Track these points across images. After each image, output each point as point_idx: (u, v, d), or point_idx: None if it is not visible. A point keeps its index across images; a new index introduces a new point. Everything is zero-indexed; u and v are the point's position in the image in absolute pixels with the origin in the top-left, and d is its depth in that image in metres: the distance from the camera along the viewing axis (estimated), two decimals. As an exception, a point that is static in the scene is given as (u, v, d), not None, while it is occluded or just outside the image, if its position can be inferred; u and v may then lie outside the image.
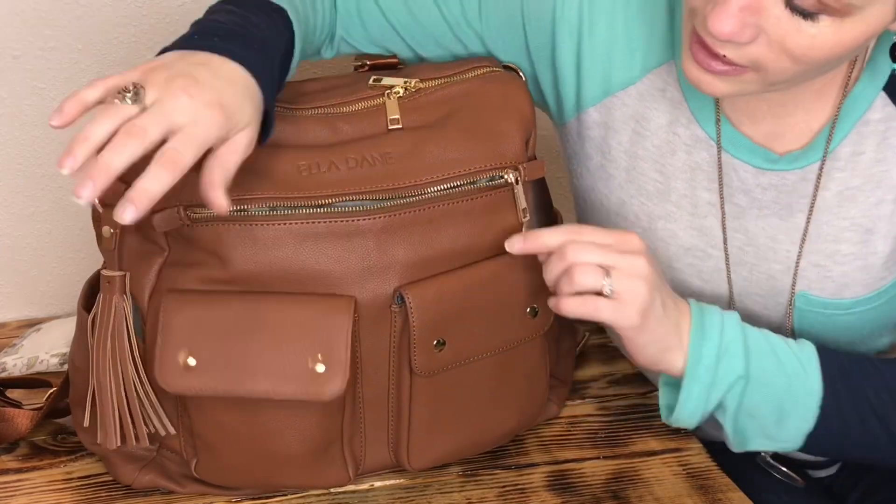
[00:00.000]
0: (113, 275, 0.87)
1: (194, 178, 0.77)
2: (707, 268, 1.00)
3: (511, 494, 0.96)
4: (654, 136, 0.98)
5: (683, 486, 0.97)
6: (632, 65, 0.98)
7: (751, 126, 0.96)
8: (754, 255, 0.98)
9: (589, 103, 1.00)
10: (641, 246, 0.88)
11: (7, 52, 1.22)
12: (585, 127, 1.01)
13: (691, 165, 0.98)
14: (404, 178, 0.89)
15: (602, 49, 0.97)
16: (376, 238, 0.88)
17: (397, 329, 0.89)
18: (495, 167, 0.91)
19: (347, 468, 0.92)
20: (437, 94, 0.94)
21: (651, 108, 0.98)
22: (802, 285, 0.97)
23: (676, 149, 0.98)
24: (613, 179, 1.01)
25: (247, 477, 0.93)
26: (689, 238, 0.99)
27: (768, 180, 0.96)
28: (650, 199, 1.00)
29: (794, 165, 0.95)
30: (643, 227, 1.00)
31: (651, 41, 0.97)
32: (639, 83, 0.98)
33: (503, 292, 0.92)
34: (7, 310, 1.34)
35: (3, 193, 1.29)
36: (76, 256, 1.33)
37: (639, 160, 0.99)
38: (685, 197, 0.99)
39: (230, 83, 0.78)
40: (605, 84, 0.99)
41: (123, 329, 0.87)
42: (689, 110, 0.97)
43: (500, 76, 0.97)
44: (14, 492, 0.96)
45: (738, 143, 0.96)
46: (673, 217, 0.99)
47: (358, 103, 0.92)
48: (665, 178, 0.99)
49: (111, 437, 0.89)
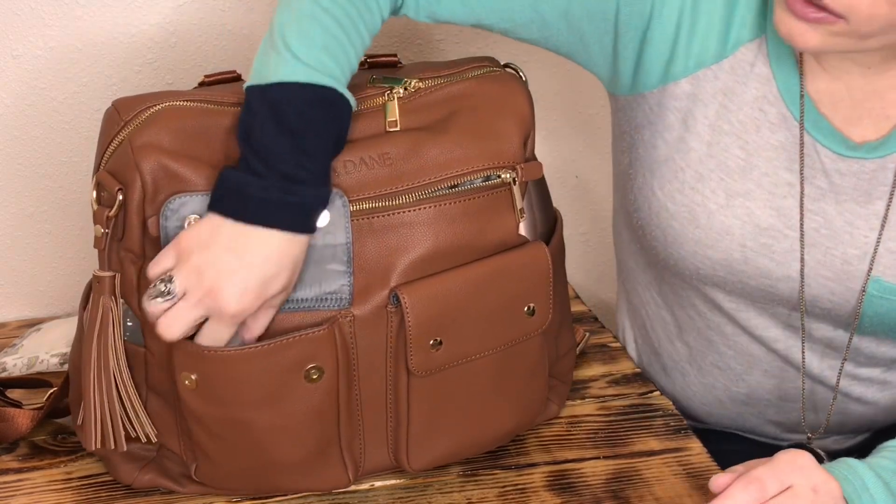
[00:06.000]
0: (103, 275, 0.87)
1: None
2: (781, 248, 1.00)
3: (511, 494, 0.96)
4: (741, 111, 0.99)
5: (683, 486, 0.97)
6: (727, 38, 0.98)
7: (830, 109, 0.97)
8: (830, 238, 0.99)
9: (680, 74, 1.00)
10: (801, 485, 0.86)
11: (7, 52, 1.23)
12: (671, 97, 1.01)
13: (774, 144, 0.98)
14: (403, 179, 0.89)
15: (703, 21, 0.98)
16: (375, 238, 0.88)
17: (394, 329, 0.89)
18: (493, 167, 0.91)
19: (347, 471, 0.92)
20: (437, 93, 0.94)
21: (740, 82, 0.98)
22: (878, 271, 0.98)
23: (761, 126, 0.98)
24: (693, 152, 1.00)
25: (246, 482, 0.93)
26: (766, 217, 0.99)
27: (847, 167, 0.97)
28: (730, 175, 0.99)
29: (873, 154, 0.96)
30: (719, 204, 1.00)
31: (746, 14, 0.97)
32: (731, 57, 0.98)
33: (500, 291, 0.92)
34: (7, 310, 1.34)
35: (3, 193, 1.29)
36: (76, 256, 1.33)
37: (723, 135, 0.99)
38: (766, 175, 0.99)
39: (265, 261, 0.83)
40: (700, 56, 0.99)
41: (110, 330, 0.87)
42: (777, 88, 0.97)
43: (500, 76, 0.97)
44: (14, 492, 0.96)
45: (821, 126, 0.97)
46: (752, 195, 0.99)
47: (358, 103, 0.92)
48: (748, 154, 0.99)
49: (90, 439, 0.88)
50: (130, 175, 0.85)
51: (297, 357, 0.86)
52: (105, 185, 0.86)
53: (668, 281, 1.09)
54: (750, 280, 1.01)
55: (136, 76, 1.26)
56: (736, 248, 0.99)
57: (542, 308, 0.94)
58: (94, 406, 0.88)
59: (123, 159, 0.86)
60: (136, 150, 0.85)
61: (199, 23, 1.25)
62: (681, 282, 1.07)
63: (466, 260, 0.91)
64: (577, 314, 1.20)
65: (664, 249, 1.04)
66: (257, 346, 0.85)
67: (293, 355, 0.86)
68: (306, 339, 0.86)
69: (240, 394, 0.87)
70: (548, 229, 0.99)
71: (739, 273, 1.00)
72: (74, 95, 1.26)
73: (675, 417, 1.07)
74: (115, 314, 0.87)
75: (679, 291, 1.09)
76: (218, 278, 0.82)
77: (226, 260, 0.82)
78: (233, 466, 0.91)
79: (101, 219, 0.86)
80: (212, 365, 0.85)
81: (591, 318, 1.27)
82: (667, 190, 1.02)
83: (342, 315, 0.87)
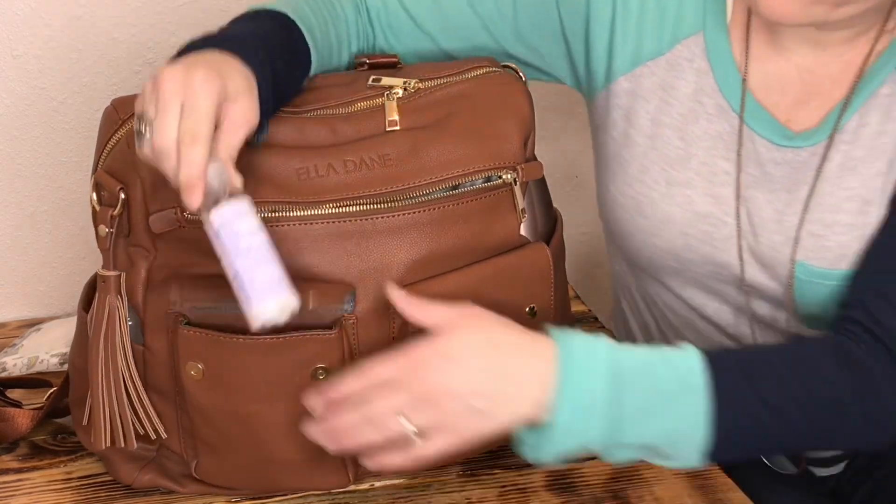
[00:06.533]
0: (108, 274, 0.87)
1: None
2: (720, 235, 1.01)
3: (511, 494, 0.96)
4: (680, 104, 1.01)
5: (683, 486, 0.97)
6: (662, 35, 1.01)
7: (778, 95, 0.98)
8: (760, 226, 1.00)
9: (619, 73, 1.03)
10: (433, 359, 0.80)
11: (7, 52, 1.23)
12: (614, 96, 1.04)
13: (712, 134, 1.00)
14: (403, 180, 0.89)
15: (634, 20, 1.01)
16: (376, 240, 0.88)
17: (396, 331, 0.89)
18: (494, 168, 0.91)
19: (347, 471, 0.92)
20: (437, 94, 0.94)
21: (678, 77, 1.01)
22: (802, 255, 0.98)
23: (699, 117, 1.01)
24: (637, 146, 1.03)
25: (247, 479, 0.93)
26: (705, 204, 1.01)
27: (783, 156, 0.98)
28: (671, 164, 1.02)
29: (808, 142, 0.97)
30: (661, 193, 1.02)
31: (681, 11, 1.00)
32: (668, 53, 1.01)
33: (501, 293, 0.92)
34: (7, 310, 1.34)
35: (3, 193, 1.29)
36: (76, 256, 1.33)
37: (663, 127, 1.02)
38: (704, 164, 1.01)
39: (212, 58, 0.81)
40: (635, 54, 1.02)
41: (116, 329, 0.87)
42: (715, 80, 1.00)
43: (500, 76, 0.97)
44: (14, 492, 0.96)
45: (759, 116, 0.99)
46: (691, 183, 1.01)
47: (357, 104, 0.92)
48: (686, 144, 1.01)
49: (100, 438, 0.89)
50: (130, 173, 0.86)
51: (306, 356, 0.86)
52: (105, 185, 0.86)
53: (641, 277, 1.12)
54: (698, 268, 1.02)
55: (136, 76, 1.26)
56: (678, 235, 1.02)
57: (543, 309, 0.94)
58: (102, 405, 0.88)
59: (122, 158, 0.86)
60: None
61: (198, 23, 1.25)
62: (648, 277, 1.10)
63: (468, 261, 0.91)
64: (577, 314, 1.20)
65: (622, 242, 1.08)
66: (267, 338, 0.85)
67: (302, 353, 0.86)
68: (317, 340, 0.86)
69: (246, 385, 0.87)
70: (548, 230, 0.99)
71: (687, 262, 1.01)
72: (74, 95, 1.26)
73: (674, 417, 1.07)
74: (122, 313, 0.87)
75: (649, 288, 1.11)
76: (172, 70, 0.79)
77: (178, 65, 0.80)
78: (234, 463, 0.91)
79: (104, 219, 0.86)
80: (220, 352, 0.85)
81: (591, 317, 1.27)
82: (617, 184, 1.05)
83: (346, 317, 0.87)
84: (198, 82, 0.78)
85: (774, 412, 0.84)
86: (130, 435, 0.89)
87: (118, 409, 0.88)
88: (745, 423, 0.84)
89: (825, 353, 0.87)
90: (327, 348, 0.86)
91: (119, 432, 0.89)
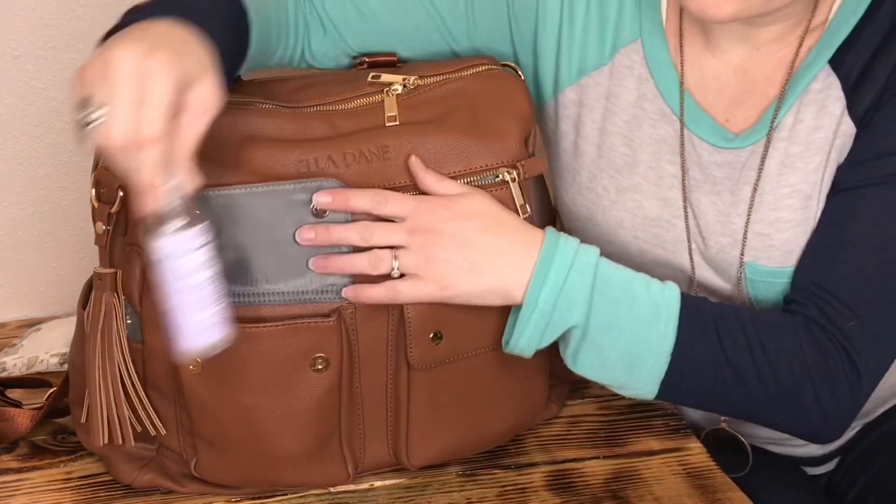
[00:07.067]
0: (105, 272, 0.87)
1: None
2: (671, 238, 1.02)
3: (511, 494, 0.96)
4: (624, 111, 1.02)
5: (683, 486, 0.97)
6: (603, 45, 1.02)
7: (715, 96, 0.99)
8: (706, 229, 1.00)
9: (566, 84, 1.04)
10: (439, 208, 0.88)
11: (7, 52, 1.23)
12: (562, 106, 1.05)
13: (656, 138, 1.01)
14: (403, 176, 0.89)
15: (579, 31, 1.02)
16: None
17: (394, 322, 0.89)
18: (494, 166, 0.92)
19: (347, 466, 0.92)
20: (436, 91, 0.94)
21: (620, 85, 1.02)
22: (750, 256, 0.99)
23: (643, 122, 1.01)
24: (586, 155, 1.04)
25: (246, 476, 0.93)
26: (654, 208, 1.02)
27: (723, 158, 0.99)
28: (619, 172, 1.03)
29: (747, 143, 0.98)
30: (612, 200, 1.03)
31: (620, 20, 1.01)
32: (610, 62, 1.02)
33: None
34: (7, 310, 1.34)
35: (3, 193, 1.29)
36: (76, 256, 1.33)
37: (609, 135, 1.03)
38: (651, 169, 1.02)
39: (168, 33, 0.76)
40: (580, 64, 1.03)
41: (113, 326, 0.87)
42: (655, 86, 1.01)
43: (499, 74, 0.97)
44: (14, 492, 0.96)
45: (699, 119, 0.99)
46: (640, 188, 1.02)
47: (356, 100, 0.92)
48: (632, 150, 1.02)
49: (97, 435, 0.89)
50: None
51: (304, 345, 0.86)
52: (104, 182, 0.86)
53: None
54: (652, 271, 1.02)
55: (136, 76, 1.26)
56: (630, 239, 1.03)
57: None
58: (99, 402, 0.88)
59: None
60: None
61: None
62: None
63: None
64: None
65: None
66: (265, 326, 0.85)
67: (301, 342, 0.86)
68: (315, 328, 0.86)
69: (246, 375, 0.87)
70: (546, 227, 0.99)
71: (641, 265, 1.01)
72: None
73: (674, 417, 1.07)
74: (118, 310, 0.87)
75: None
76: (115, 53, 0.73)
77: (119, 42, 0.74)
78: (233, 459, 0.91)
79: (102, 216, 0.86)
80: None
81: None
82: (570, 194, 1.07)
83: (344, 307, 0.88)
84: (155, 68, 0.72)
85: (733, 367, 0.90)
86: (128, 432, 0.89)
87: (115, 406, 0.88)
88: (703, 366, 0.90)
89: (796, 329, 0.92)
90: (325, 336, 0.86)
91: (117, 429, 0.89)
